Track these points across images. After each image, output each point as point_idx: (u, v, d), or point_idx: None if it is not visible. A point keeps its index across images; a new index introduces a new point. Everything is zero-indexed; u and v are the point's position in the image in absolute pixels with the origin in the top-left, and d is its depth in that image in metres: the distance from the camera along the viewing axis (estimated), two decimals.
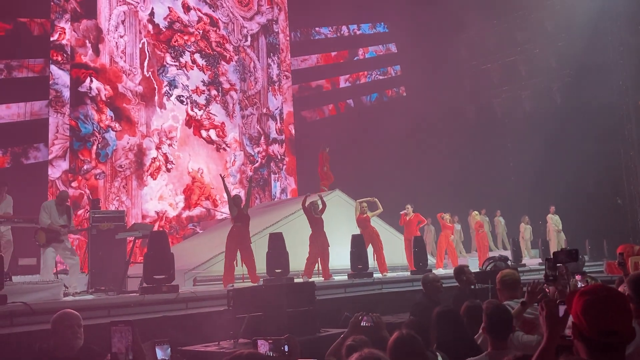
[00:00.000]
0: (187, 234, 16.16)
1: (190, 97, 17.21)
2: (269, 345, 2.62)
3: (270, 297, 5.72)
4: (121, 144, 15.48)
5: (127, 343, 2.21)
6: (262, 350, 2.62)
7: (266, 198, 18.83)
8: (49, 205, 8.31)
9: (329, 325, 6.24)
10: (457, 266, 7.62)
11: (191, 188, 16.82)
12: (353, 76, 22.51)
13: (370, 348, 2.44)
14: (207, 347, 5.24)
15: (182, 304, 6.91)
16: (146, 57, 16.33)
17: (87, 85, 15.08)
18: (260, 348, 2.63)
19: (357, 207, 11.95)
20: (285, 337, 2.61)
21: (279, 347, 2.59)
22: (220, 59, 18.17)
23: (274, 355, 2.62)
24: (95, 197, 13.63)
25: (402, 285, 9.90)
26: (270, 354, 2.61)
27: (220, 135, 17.82)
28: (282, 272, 8.77)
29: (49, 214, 8.19)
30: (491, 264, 9.70)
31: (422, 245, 11.58)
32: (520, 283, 4.68)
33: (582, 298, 1.88)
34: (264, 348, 2.63)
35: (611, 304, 1.85)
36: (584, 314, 1.84)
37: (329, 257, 10.43)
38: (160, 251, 7.51)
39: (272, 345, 2.61)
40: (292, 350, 2.56)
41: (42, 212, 8.18)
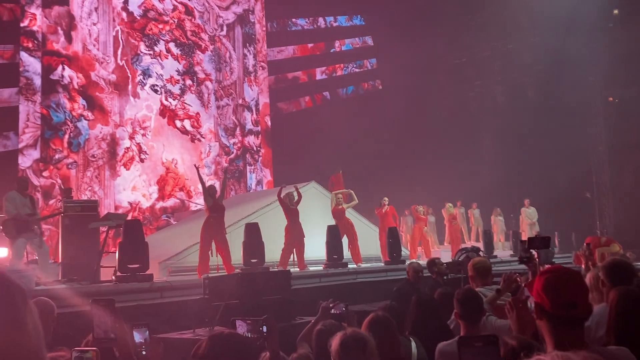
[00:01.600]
0: (160, 225, 16.03)
1: (165, 86, 17.02)
2: (247, 326, 2.62)
3: (245, 285, 5.73)
4: (94, 133, 15.25)
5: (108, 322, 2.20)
6: (240, 330, 2.62)
7: (241, 190, 18.76)
8: (12, 196, 8.12)
9: (304, 313, 6.28)
10: (429, 259, 7.80)
11: (165, 179, 16.67)
12: (329, 68, 22.52)
13: None
14: (182, 335, 5.24)
15: (157, 292, 6.88)
16: (120, 45, 16.09)
17: (59, 73, 14.80)
18: (238, 328, 2.63)
19: (333, 199, 12.02)
20: (263, 318, 2.61)
21: (257, 327, 2.59)
22: (196, 48, 18.00)
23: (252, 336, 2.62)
24: (67, 187, 13.42)
25: (376, 275, 10.00)
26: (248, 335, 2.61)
27: (195, 125, 17.67)
28: (258, 262, 8.79)
29: (14, 205, 8.03)
30: (463, 255, 9.83)
31: (396, 236, 11.71)
32: (491, 271, 4.79)
33: (542, 277, 2.01)
34: (242, 329, 2.63)
35: (569, 279, 1.98)
36: (545, 290, 1.96)
37: (304, 247, 10.47)
38: (134, 240, 7.46)
39: (251, 326, 2.61)
40: (271, 331, 2.57)
41: (6, 204, 8.00)
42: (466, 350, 1.14)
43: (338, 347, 2.34)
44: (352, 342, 2.34)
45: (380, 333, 2.80)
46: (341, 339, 2.36)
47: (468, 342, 1.16)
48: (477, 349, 1.14)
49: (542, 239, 3.79)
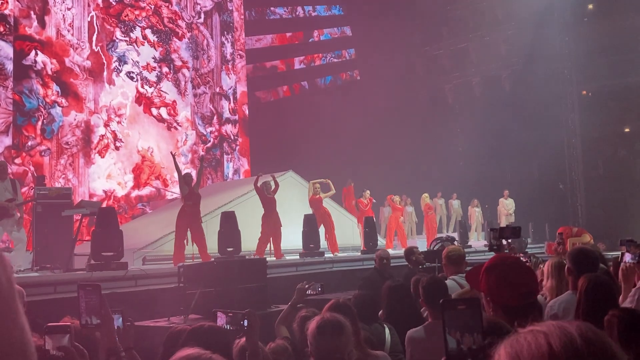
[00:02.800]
0: (136, 214, 15.86)
1: (141, 73, 16.80)
2: (227, 318, 2.58)
3: (221, 273, 5.71)
4: (68, 120, 15.00)
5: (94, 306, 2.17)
6: (220, 322, 2.59)
7: (218, 179, 18.65)
8: None
9: (280, 302, 6.29)
10: (407, 247, 7.85)
11: (141, 167, 16.50)
12: (308, 58, 22.45)
13: None
14: (157, 323, 5.21)
15: (132, 281, 6.83)
16: (95, 31, 15.82)
17: (32, 59, 14.50)
18: (218, 319, 2.60)
19: (310, 188, 12.03)
20: (245, 311, 2.58)
21: (237, 321, 2.55)
22: (172, 35, 17.78)
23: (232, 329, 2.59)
24: (40, 174, 13.20)
25: (352, 264, 10.06)
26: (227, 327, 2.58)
27: (172, 113, 17.49)
28: (234, 251, 8.75)
29: None
30: (438, 244, 9.98)
31: (372, 226, 11.78)
32: (465, 259, 4.85)
33: (492, 273, 2.01)
34: (221, 320, 2.60)
35: (520, 269, 2.03)
36: (500, 285, 1.97)
37: (281, 237, 10.47)
38: (108, 228, 7.38)
39: (231, 318, 2.57)
40: (252, 326, 2.53)
41: None
42: (449, 313, 1.15)
43: (315, 331, 2.36)
44: (329, 326, 2.36)
45: None
46: (318, 323, 2.38)
47: (451, 305, 1.17)
48: (460, 311, 1.15)
49: (513, 229, 3.87)
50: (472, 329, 1.14)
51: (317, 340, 2.34)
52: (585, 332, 0.83)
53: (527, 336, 0.84)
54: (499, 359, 0.85)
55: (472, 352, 1.12)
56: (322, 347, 2.33)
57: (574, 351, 0.80)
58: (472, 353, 1.12)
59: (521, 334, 0.85)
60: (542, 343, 0.81)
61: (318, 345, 2.34)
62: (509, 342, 0.85)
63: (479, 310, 1.17)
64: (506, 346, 0.85)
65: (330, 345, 2.32)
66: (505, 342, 0.86)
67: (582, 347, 0.80)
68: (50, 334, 1.83)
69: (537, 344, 0.81)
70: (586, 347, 0.80)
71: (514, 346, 0.84)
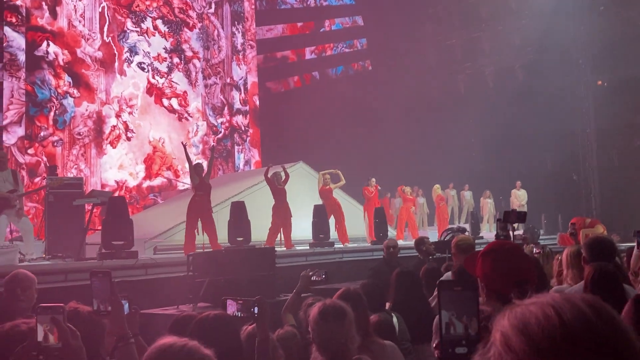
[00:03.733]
0: (147, 204, 15.94)
1: (152, 64, 16.82)
2: (238, 306, 2.59)
3: (230, 262, 5.72)
4: (79, 110, 15.07)
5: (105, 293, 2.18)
6: (230, 310, 2.59)
7: (229, 170, 18.68)
8: None
9: (288, 291, 6.29)
10: (417, 237, 7.81)
11: (152, 158, 16.56)
12: (319, 48, 22.34)
13: None
14: (166, 310, 5.23)
15: (142, 269, 6.86)
16: (106, 21, 15.85)
17: (44, 49, 14.57)
18: (228, 308, 2.60)
19: (320, 179, 12.01)
20: (256, 298, 2.58)
21: (248, 308, 2.56)
22: (183, 25, 17.77)
23: (243, 316, 2.59)
24: (53, 165, 13.29)
25: (362, 255, 10.04)
26: (238, 314, 2.59)
27: (183, 104, 17.52)
28: (244, 240, 8.77)
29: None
30: (449, 235, 9.92)
31: (382, 216, 11.74)
32: (474, 248, 4.80)
33: (488, 258, 1.98)
34: (232, 308, 2.60)
35: (516, 256, 1.98)
36: (495, 271, 1.93)
37: (291, 227, 10.47)
38: (119, 217, 7.41)
39: (242, 305, 2.57)
40: (262, 312, 2.53)
41: None
42: (445, 294, 1.13)
43: (316, 316, 2.35)
44: (331, 312, 2.34)
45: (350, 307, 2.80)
46: (320, 309, 2.37)
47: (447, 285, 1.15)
48: (457, 293, 1.13)
49: (519, 213, 3.82)
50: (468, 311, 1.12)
51: (318, 325, 2.33)
52: (593, 303, 0.80)
53: (532, 308, 0.81)
54: (504, 331, 0.81)
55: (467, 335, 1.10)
56: (323, 332, 2.32)
57: (586, 322, 0.77)
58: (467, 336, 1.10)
59: (524, 305, 0.82)
60: (551, 314, 0.78)
61: (320, 331, 2.32)
62: (512, 314, 0.82)
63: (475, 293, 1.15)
64: (510, 318, 0.82)
65: (331, 331, 2.30)
66: (507, 313, 0.83)
67: (592, 316, 0.78)
68: (42, 314, 1.82)
69: (546, 315, 0.79)
70: (597, 317, 0.78)
71: (519, 318, 0.81)
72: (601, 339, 0.76)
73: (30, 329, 2.01)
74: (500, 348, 0.80)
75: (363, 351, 2.49)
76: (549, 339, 0.77)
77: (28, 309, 3.63)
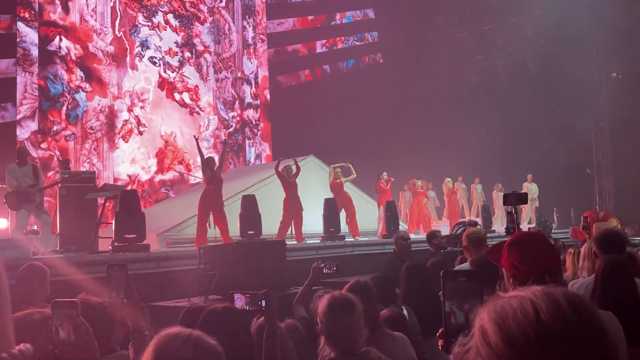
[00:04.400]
0: (160, 198, 16.04)
1: (163, 58, 16.88)
2: (246, 299, 2.61)
3: (240, 255, 5.74)
4: (92, 105, 15.18)
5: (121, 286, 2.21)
6: (239, 304, 2.61)
7: (240, 163, 18.73)
8: (12, 168, 8.17)
9: (299, 284, 6.30)
10: (429, 231, 7.78)
11: (164, 152, 16.64)
12: (330, 41, 22.28)
13: None
14: (177, 303, 5.27)
15: (154, 262, 6.91)
16: (117, 16, 15.91)
17: (57, 44, 14.67)
18: (236, 302, 2.62)
19: (331, 173, 11.99)
20: (263, 291, 2.60)
21: (255, 301, 2.57)
22: (194, 20, 17.80)
23: (250, 309, 2.61)
24: (65, 159, 13.40)
25: (373, 248, 10.03)
26: (246, 308, 2.60)
27: (194, 98, 17.57)
28: (255, 234, 8.80)
29: (14, 177, 8.06)
30: (461, 228, 9.86)
31: (393, 210, 11.72)
32: (486, 241, 4.77)
33: (514, 247, 1.98)
34: (240, 302, 2.62)
35: (543, 246, 1.97)
36: (521, 260, 1.93)
37: (302, 220, 10.49)
38: (131, 210, 7.46)
39: (249, 299, 2.59)
40: (270, 305, 2.54)
41: (7, 176, 8.08)
42: (449, 284, 1.14)
43: (325, 309, 2.35)
44: (339, 304, 2.34)
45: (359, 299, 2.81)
46: (329, 301, 2.37)
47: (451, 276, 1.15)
48: (460, 283, 1.14)
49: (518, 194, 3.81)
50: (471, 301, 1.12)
51: (327, 318, 2.33)
52: (572, 299, 0.79)
53: (512, 302, 0.80)
54: (483, 324, 0.81)
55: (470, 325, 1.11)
56: (331, 325, 2.32)
57: (561, 319, 0.76)
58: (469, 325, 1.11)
59: (505, 298, 0.82)
60: (528, 310, 0.78)
61: (328, 323, 2.33)
62: (492, 307, 0.82)
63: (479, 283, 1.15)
64: (490, 311, 0.81)
65: (340, 324, 2.30)
66: (489, 306, 0.82)
67: (569, 314, 0.77)
68: (57, 309, 1.85)
69: (523, 310, 0.78)
70: (573, 314, 0.77)
71: (498, 312, 0.80)
72: (576, 338, 0.75)
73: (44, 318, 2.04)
74: (477, 340, 0.80)
75: (373, 343, 2.49)
76: (524, 335, 0.76)
77: (42, 300, 3.68)
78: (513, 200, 3.81)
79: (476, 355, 0.80)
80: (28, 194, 8.01)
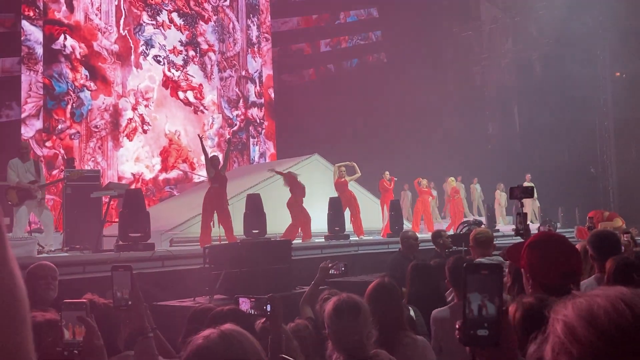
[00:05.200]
0: (163, 197, 16.05)
1: (168, 57, 16.88)
2: (251, 303, 2.60)
3: (245, 255, 5.73)
4: (96, 103, 15.19)
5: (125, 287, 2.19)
6: (243, 307, 2.60)
7: (244, 162, 18.74)
8: (14, 163, 8.11)
9: (305, 283, 6.29)
10: (435, 230, 7.76)
11: (168, 150, 16.65)
12: (334, 40, 22.25)
13: None
14: (182, 302, 5.26)
15: (158, 262, 6.90)
16: (122, 15, 15.92)
17: (61, 43, 14.68)
18: (241, 305, 2.61)
19: (336, 171, 11.98)
20: (268, 296, 2.59)
21: (260, 306, 2.56)
22: (199, 18, 17.79)
23: (255, 313, 2.60)
24: (70, 157, 13.42)
25: (377, 247, 10.01)
26: (251, 312, 2.59)
27: (198, 97, 17.57)
28: (259, 233, 8.78)
29: (16, 172, 8.02)
30: (466, 228, 9.84)
31: (398, 209, 11.70)
32: (492, 241, 4.76)
33: (535, 248, 1.96)
34: (245, 305, 2.61)
35: (566, 248, 1.95)
36: (542, 261, 1.91)
37: (310, 220, 10.50)
38: (135, 209, 7.45)
39: (254, 303, 2.58)
40: (275, 310, 2.53)
41: (9, 171, 8.00)
42: (472, 277, 1.14)
43: (331, 312, 2.33)
44: (346, 307, 2.32)
45: (384, 299, 2.79)
46: (335, 303, 2.35)
47: (474, 269, 1.16)
48: (483, 276, 1.14)
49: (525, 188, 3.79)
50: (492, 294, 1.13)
51: (333, 321, 2.31)
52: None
53: (598, 300, 0.82)
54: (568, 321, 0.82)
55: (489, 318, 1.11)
56: (339, 328, 2.30)
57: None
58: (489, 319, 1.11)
59: (588, 297, 0.83)
60: (622, 309, 0.80)
61: (335, 327, 2.30)
62: (577, 305, 0.83)
63: (500, 277, 1.15)
64: (576, 309, 0.82)
65: (347, 327, 2.28)
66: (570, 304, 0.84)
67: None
68: (66, 310, 1.84)
69: (617, 310, 0.80)
70: None
71: (585, 310, 0.81)
72: None
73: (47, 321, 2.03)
74: (563, 338, 0.81)
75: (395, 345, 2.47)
76: (617, 329, 0.78)
77: (51, 301, 3.66)
78: (519, 193, 3.79)
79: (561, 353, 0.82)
80: (29, 190, 7.99)
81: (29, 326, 0.64)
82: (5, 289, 0.62)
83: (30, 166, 8.14)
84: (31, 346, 0.63)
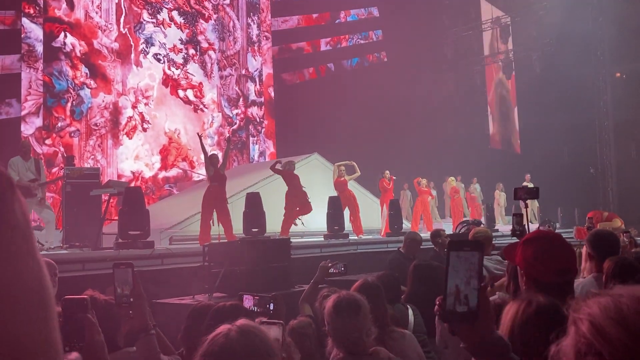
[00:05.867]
0: (163, 195, 16.05)
1: (168, 55, 16.88)
2: (254, 301, 2.61)
3: (245, 253, 5.74)
4: (96, 101, 15.18)
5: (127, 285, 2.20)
6: (247, 304, 2.62)
7: (244, 161, 18.73)
8: (15, 162, 8.15)
9: (304, 282, 6.30)
10: (434, 230, 7.77)
11: (168, 149, 16.64)
12: (334, 39, 22.25)
13: None
14: (181, 300, 5.27)
15: (158, 259, 6.91)
16: (122, 13, 15.91)
17: (61, 41, 14.66)
18: (245, 302, 2.62)
19: (335, 171, 12.00)
20: (272, 295, 2.60)
21: (264, 304, 2.58)
22: (199, 17, 17.79)
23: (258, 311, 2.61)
24: (70, 155, 13.43)
25: (377, 246, 10.03)
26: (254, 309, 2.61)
27: (198, 95, 17.57)
28: (259, 231, 8.80)
29: (16, 171, 8.04)
30: (465, 227, 9.84)
31: (397, 209, 11.72)
32: (491, 241, 4.78)
33: (530, 245, 1.96)
34: (248, 303, 2.63)
35: (560, 245, 1.96)
36: (537, 258, 1.91)
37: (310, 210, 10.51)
38: (135, 207, 7.46)
39: (258, 301, 2.60)
40: (277, 309, 2.55)
41: (9, 169, 8.02)
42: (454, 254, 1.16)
43: (331, 309, 2.34)
44: (346, 304, 2.34)
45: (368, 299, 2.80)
46: (335, 301, 2.36)
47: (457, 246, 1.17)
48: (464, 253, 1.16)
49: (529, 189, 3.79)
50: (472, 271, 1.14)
51: (333, 319, 2.32)
52: None
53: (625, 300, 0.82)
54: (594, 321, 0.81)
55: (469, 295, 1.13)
56: (339, 326, 2.31)
57: None
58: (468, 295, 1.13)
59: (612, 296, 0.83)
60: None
61: (335, 324, 2.32)
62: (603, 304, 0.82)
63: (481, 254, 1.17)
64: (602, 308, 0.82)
65: (347, 324, 2.30)
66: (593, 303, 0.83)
67: None
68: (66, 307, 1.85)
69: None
70: None
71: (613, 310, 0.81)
72: None
73: None
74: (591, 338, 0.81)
75: (385, 341, 2.49)
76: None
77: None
78: (523, 194, 3.79)
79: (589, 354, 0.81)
80: (29, 188, 8.00)
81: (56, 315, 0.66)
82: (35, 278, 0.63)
83: (31, 165, 8.16)
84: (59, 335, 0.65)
